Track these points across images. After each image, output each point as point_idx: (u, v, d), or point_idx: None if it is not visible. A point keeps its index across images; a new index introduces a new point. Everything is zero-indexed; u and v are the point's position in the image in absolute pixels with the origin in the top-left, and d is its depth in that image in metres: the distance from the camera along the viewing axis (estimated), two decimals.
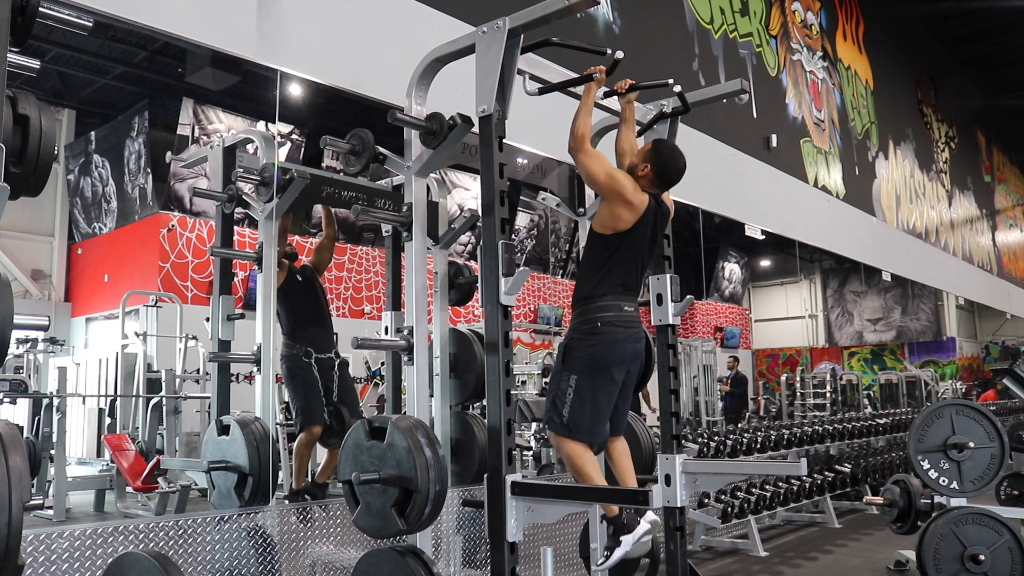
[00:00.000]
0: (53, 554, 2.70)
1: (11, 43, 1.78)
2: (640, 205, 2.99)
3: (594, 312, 2.98)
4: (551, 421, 3.01)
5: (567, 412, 2.95)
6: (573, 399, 2.95)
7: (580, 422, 2.95)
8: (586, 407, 2.95)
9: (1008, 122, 14.82)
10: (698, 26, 6.44)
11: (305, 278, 4.57)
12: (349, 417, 4.43)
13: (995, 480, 4.09)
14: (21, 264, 11.58)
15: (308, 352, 4.37)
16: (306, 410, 4.33)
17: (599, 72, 3.05)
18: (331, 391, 4.44)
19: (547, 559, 2.81)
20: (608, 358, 2.96)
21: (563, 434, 2.98)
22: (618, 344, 2.97)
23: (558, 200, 4.05)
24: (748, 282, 21.67)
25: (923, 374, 16.11)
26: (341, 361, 4.56)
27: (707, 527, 5.71)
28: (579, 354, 2.98)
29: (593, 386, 2.96)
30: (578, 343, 3.00)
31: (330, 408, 4.42)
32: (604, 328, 2.96)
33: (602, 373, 2.97)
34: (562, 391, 2.98)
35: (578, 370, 2.97)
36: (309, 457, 4.54)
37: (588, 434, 2.98)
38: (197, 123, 10.34)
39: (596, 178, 2.98)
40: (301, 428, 4.35)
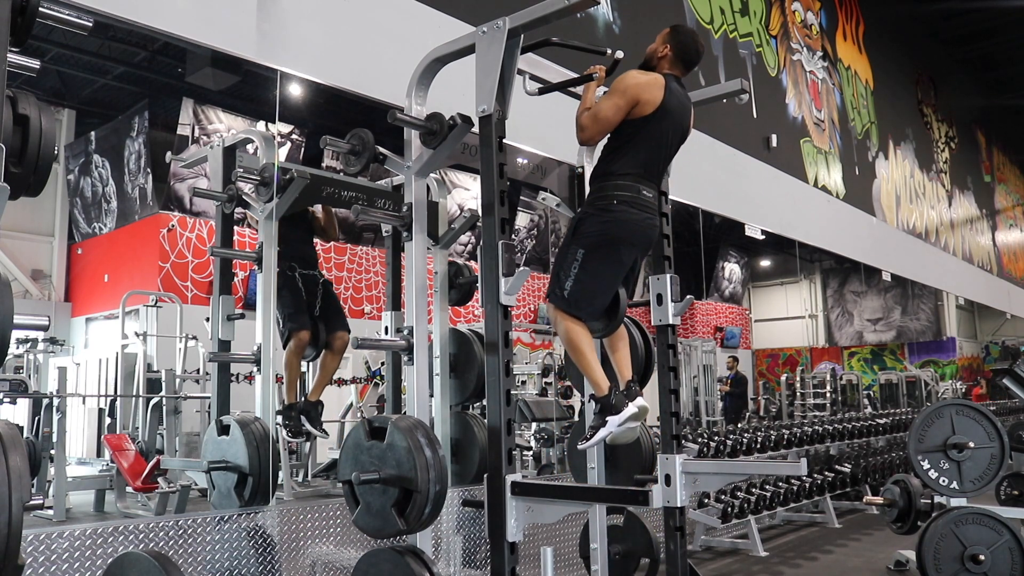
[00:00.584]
0: (53, 554, 2.70)
1: (11, 43, 1.78)
2: (658, 89, 2.95)
3: (611, 190, 2.95)
4: (552, 294, 2.99)
5: (570, 285, 2.93)
6: (578, 272, 2.93)
7: (581, 297, 2.93)
8: (590, 283, 2.93)
9: (1008, 122, 14.82)
10: (698, 26, 6.44)
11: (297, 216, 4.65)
12: (328, 331, 4.57)
13: (995, 480, 4.09)
14: (21, 264, 11.57)
15: (292, 267, 4.46)
16: (292, 317, 4.40)
17: (599, 72, 3.06)
18: (314, 305, 4.55)
19: (547, 559, 2.81)
20: (620, 236, 2.93)
21: (562, 307, 2.96)
22: (631, 224, 2.94)
23: (558, 200, 4.04)
24: (748, 282, 21.67)
25: (923, 374, 16.11)
26: (324, 279, 4.67)
27: (707, 527, 5.71)
28: (590, 229, 2.95)
29: (600, 263, 2.94)
30: (591, 218, 2.96)
31: (312, 321, 4.53)
32: (619, 207, 2.93)
33: (612, 251, 2.94)
34: (567, 264, 2.95)
35: (587, 245, 2.94)
36: (299, 367, 4.61)
37: (587, 310, 2.97)
38: (197, 123, 10.34)
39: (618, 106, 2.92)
40: (288, 336, 4.42)
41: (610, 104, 2.95)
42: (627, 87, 2.94)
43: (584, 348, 2.94)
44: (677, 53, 3.07)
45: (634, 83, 2.94)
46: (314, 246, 4.88)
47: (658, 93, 2.95)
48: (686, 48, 3.08)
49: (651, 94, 2.94)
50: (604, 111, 2.95)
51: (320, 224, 4.88)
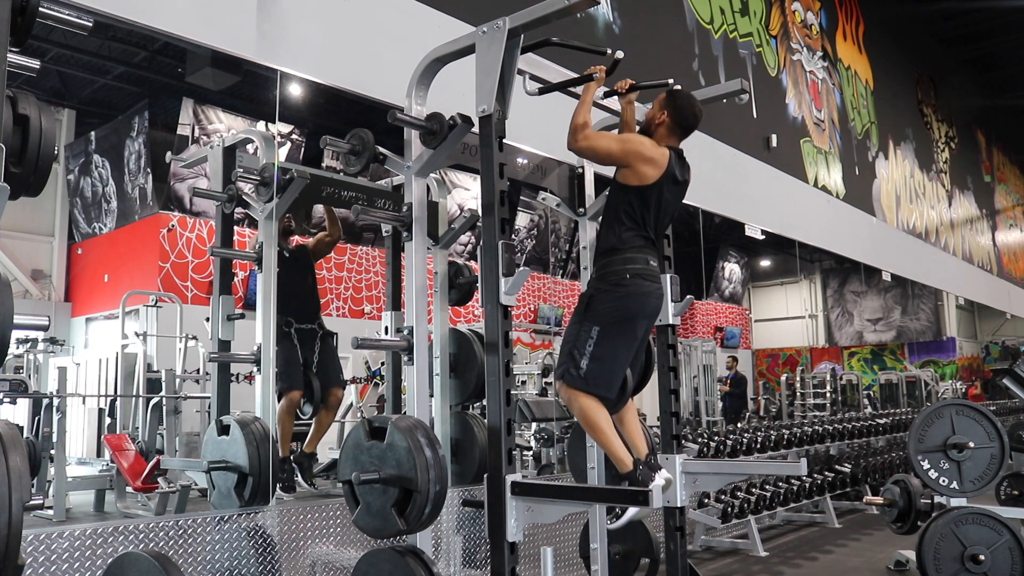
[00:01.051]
0: (53, 554, 2.70)
1: (11, 43, 1.78)
2: (662, 159, 2.95)
3: (620, 264, 2.94)
4: (567, 374, 2.91)
5: (586, 364, 2.88)
6: (594, 351, 2.87)
7: (599, 375, 2.88)
8: (607, 360, 2.88)
9: (1008, 122, 14.81)
10: (698, 26, 6.44)
11: (293, 254, 4.63)
12: (322, 389, 4.53)
13: (995, 480, 4.09)
14: (21, 264, 11.58)
15: (288, 322, 4.44)
16: (284, 376, 4.37)
17: (599, 72, 3.05)
18: (311, 361, 4.51)
19: (547, 559, 2.81)
20: (635, 311, 2.92)
21: (579, 387, 2.89)
22: (644, 296, 2.93)
23: (558, 200, 4.05)
24: (748, 282, 21.67)
25: (923, 374, 16.11)
26: (324, 332, 4.61)
27: (707, 527, 5.71)
28: (604, 306, 2.91)
29: (616, 339, 2.90)
30: (604, 294, 2.93)
31: (306, 378, 4.50)
32: (632, 280, 2.91)
33: (627, 326, 2.91)
34: (581, 342, 2.90)
35: (602, 321, 2.89)
36: (291, 424, 4.57)
37: (606, 388, 2.91)
38: (197, 123, 10.34)
39: (610, 151, 2.94)
40: (280, 394, 4.39)
41: (606, 146, 2.95)
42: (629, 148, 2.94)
43: (604, 426, 2.90)
44: (675, 119, 3.05)
45: (638, 149, 2.93)
46: (317, 294, 4.81)
47: (660, 167, 2.95)
48: (683, 114, 3.06)
49: (650, 168, 2.94)
50: (599, 146, 2.95)
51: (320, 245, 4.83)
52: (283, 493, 4.54)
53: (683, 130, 3.09)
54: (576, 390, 2.90)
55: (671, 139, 3.06)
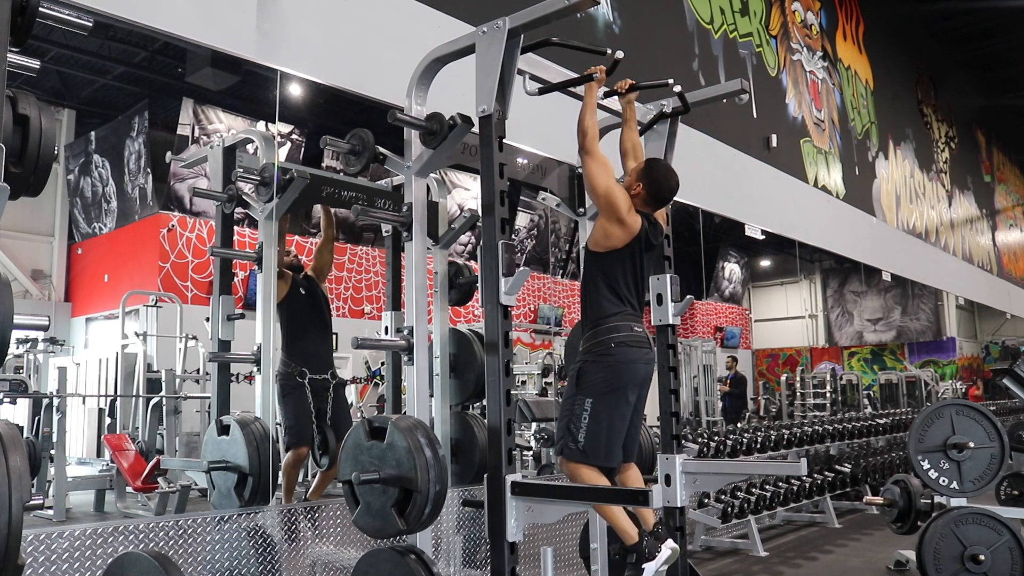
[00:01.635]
0: (53, 554, 2.70)
1: (11, 43, 1.78)
2: (633, 225, 2.98)
3: (605, 334, 2.96)
4: (566, 448, 2.95)
5: (583, 437, 2.90)
6: (589, 423, 2.90)
7: (597, 447, 2.91)
8: (603, 431, 2.91)
9: (1008, 122, 14.81)
10: (698, 26, 6.44)
11: (308, 291, 4.54)
12: (336, 442, 4.37)
13: (995, 480, 4.10)
14: (21, 264, 11.58)
15: (302, 372, 4.34)
16: (294, 431, 4.31)
17: (599, 72, 3.05)
18: (324, 412, 4.41)
19: (547, 559, 2.81)
20: (624, 379, 2.94)
21: (579, 460, 2.92)
22: (632, 365, 2.95)
23: (558, 200, 4.05)
24: (748, 282, 21.67)
25: (923, 374, 16.11)
26: (337, 382, 4.52)
27: (707, 527, 5.71)
28: (594, 377, 2.93)
29: (609, 409, 2.92)
30: (592, 365, 2.95)
31: (320, 430, 4.40)
32: (617, 349, 2.93)
33: (618, 395, 2.94)
34: (576, 415, 2.93)
35: (593, 393, 2.92)
36: (297, 476, 4.53)
37: (605, 458, 2.94)
38: (197, 123, 10.34)
39: (596, 188, 2.97)
40: (288, 448, 4.32)
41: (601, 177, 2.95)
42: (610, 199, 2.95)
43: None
44: (650, 191, 3.06)
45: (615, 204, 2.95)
46: (331, 335, 4.68)
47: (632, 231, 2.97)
48: (659, 187, 3.07)
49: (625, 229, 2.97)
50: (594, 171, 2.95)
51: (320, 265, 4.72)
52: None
53: (657, 203, 3.11)
54: (577, 464, 2.93)
55: (645, 208, 3.08)
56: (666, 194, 3.11)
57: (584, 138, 2.98)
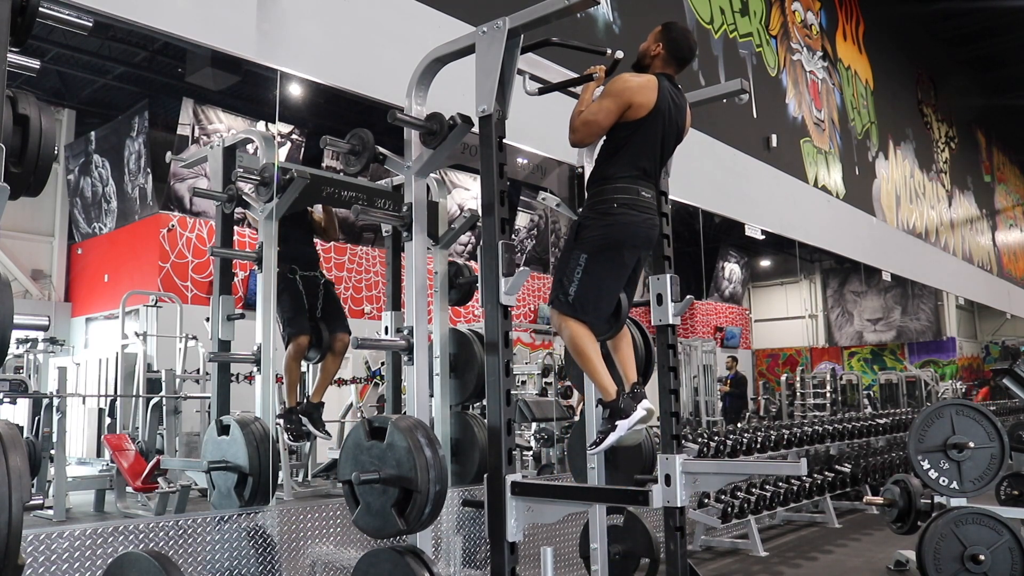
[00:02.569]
0: (53, 554, 2.70)
1: (11, 43, 1.78)
2: (653, 89, 2.94)
3: (610, 193, 2.95)
4: (556, 300, 2.99)
5: (574, 290, 2.93)
6: (581, 277, 2.93)
7: (586, 301, 2.93)
8: (593, 287, 2.93)
9: (1008, 122, 14.81)
10: (698, 26, 6.44)
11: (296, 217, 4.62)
12: (330, 333, 4.55)
13: (995, 480, 4.09)
14: (21, 264, 11.57)
15: (293, 269, 4.45)
16: (292, 321, 4.39)
17: (599, 72, 3.05)
18: (315, 307, 4.53)
19: (547, 559, 2.81)
20: (621, 239, 2.94)
21: (567, 312, 2.95)
22: (632, 226, 2.95)
23: (558, 200, 4.04)
24: (748, 282, 21.66)
25: (923, 374, 16.10)
26: (326, 280, 4.66)
27: (707, 527, 5.71)
28: (592, 233, 2.95)
29: (603, 266, 2.94)
30: (592, 222, 2.96)
31: (312, 324, 4.51)
32: (620, 209, 2.93)
33: (614, 254, 2.95)
34: (570, 269, 2.95)
35: (589, 249, 2.94)
36: (299, 370, 4.61)
37: (593, 314, 2.96)
38: (197, 123, 10.34)
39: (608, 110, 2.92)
40: (288, 340, 4.41)
41: (601, 108, 2.94)
42: (619, 91, 2.93)
43: (590, 353, 2.94)
44: (670, 51, 3.06)
45: (625, 87, 2.93)
46: (315, 246, 4.86)
47: (651, 95, 2.94)
48: (679, 46, 3.07)
49: (644, 97, 2.93)
50: (595, 115, 2.95)
51: (320, 224, 4.87)
52: (293, 443, 4.63)
53: (678, 62, 3.10)
54: (565, 316, 2.96)
55: (666, 70, 3.06)
56: (687, 53, 3.10)
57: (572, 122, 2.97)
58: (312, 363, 4.78)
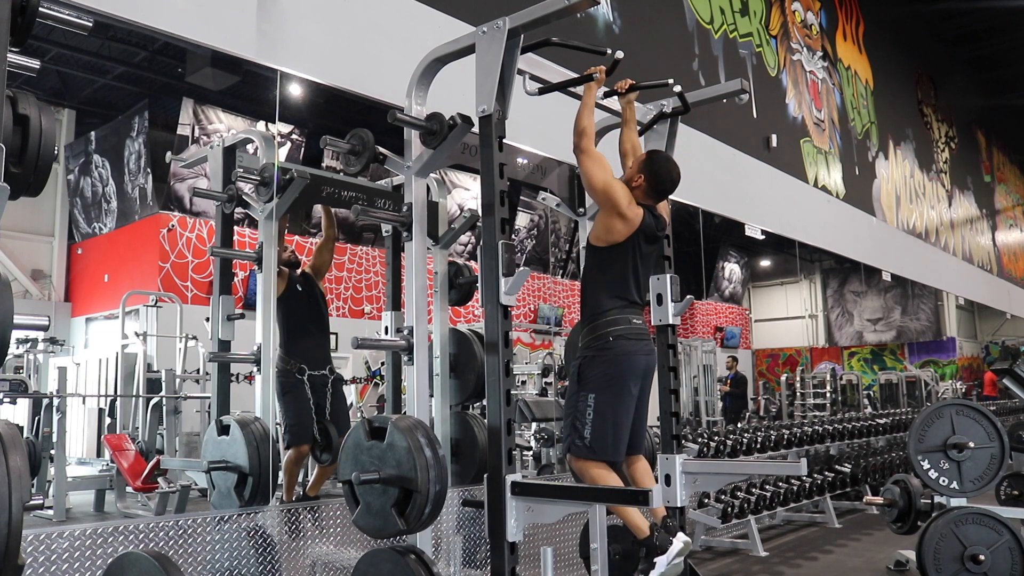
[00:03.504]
0: (53, 554, 2.70)
1: (11, 43, 1.78)
2: (635, 218, 2.98)
3: (604, 328, 2.96)
4: (573, 445, 2.95)
5: (589, 433, 2.90)
6: (594, 418, 2.90)
7: (604, 441, 2.91)
8: (608, 425, 2.91)
9: (1008, 122, 14.81)
10: (698, 26, 6.44)
11: (305, 288, 4.54)
12: (337, 436, 4.40)
13: (995, 480, 4.09)
14: (21, 264, 11.58)
15: (301, 369, 4.34)
16: (295, 428, 4.30)
17: (599, 72, 3.05)
18: (323, 408, 4.42)
19: (547, 559, 2.81)
20: (624, 372, 2.94)
21: (587, 456, 2.92)
22: (631, 356, 2.95)
23: (558, 200, 4.05)
24: (748, 282, 21.67)
25: (923, 374, 16.10)
26: (335, 378, 4.54)
27: (707, 527, 5.70)
28: (594, 371, 2.94)
29: (612, 403, 2.92)
30: (591, 361, 2.96)
31: (320, 426, 4.41)
32: (616, 342, 2.93)
33: (619, 388, 2.93)
34: (581, 412, 2.93)
35: (595, 388, 2.92)
36: (298, 473, 4.54)
37: (612, 453, 2.93)
38: (197, 123, 10.34)
39: (594, 185, 2.98)
40: (289, 446, 4.32)
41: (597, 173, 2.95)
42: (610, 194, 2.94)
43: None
44: (651, 183, 3.05)
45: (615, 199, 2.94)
46: (329, 332, 4.67)
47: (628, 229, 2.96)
48: (660, 178, 3.05)
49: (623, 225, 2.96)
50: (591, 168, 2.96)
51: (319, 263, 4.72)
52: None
53: (658, 195, 3.10)
54: (585, 460, 2.93)
55: (647, 201, 3.07)
56: (667, 186, 3.10)
57: (580, 137, 2.98)
58: (323, 465, 4.58)
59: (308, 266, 4.73)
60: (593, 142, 3.01)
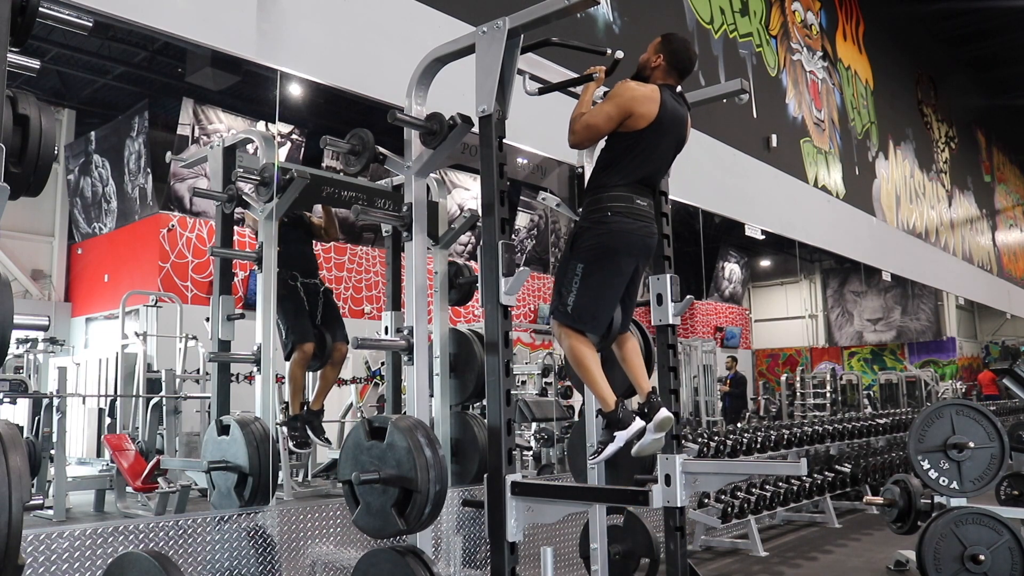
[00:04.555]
0: (53, 554, 2.70)
1: (11, 43, 1.78)
2: (655, 100, 2.94)
3: (605, 202, 2.95)
4: (556, 310, 2.99)
5: (572, 300, 2.93)
6: (579, 287, 2.92)
7: (584, 311, 2.93)
8: (592, 296, 2.92)
9: (1008, 122, 14.82)
10: (698, 26, 6.44)
11: (292, 220, 4.62)
12: (331, 341, 4.56)
13: (995, 480, 4.09)
14: (21, 264, 11.58)
15: (294, 276, 4.45)
16: (296, 328, 4.38)
17: (599, 72, 3.05)
18: (316, 315, 4.54)
19: (547, 559, 2.81)
20: (617, 247, 2.93)
21: (567, 323, 2.95)
22: (628, 234, 2.94)
23: (558, 200, 4.04)
24: (748, 282, 21.67)
25: (923, 374, 16.10)
26: (325, 288, 4.67)
27: (707, 527, 5.71)
28: (587, 242, 2.94)
29: (600, 275, 2.93)
30: (587, 231, 2.96)
31: (316, 331, 4.52)
32: (614, 218, 2.92)
33: (610, 262, 2.94)
34: (568, 279, 2.95)
35: (585, 258, 2.94)
36: (303, 378, 4.60)
37: (592, 324, 2.96)
38: (197, 123, 10.34)
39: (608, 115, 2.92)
40: (292, 348, 4.40)
41: (602, 113, 2.94)
42: (622, 98, 2.93)
43: (589, 363, 2.93)
44: (670, 62, 3.05)
45: (631, 96, 2.93)
46: (314, 252, 4.85)
47: (653, 108, 2.93)
48: (679, 57, 3.06)
49: (646, 108, 2.93)
50: (595, 120, 2.94)
51: (319, 227, 4.86)
52: (297, 450, 4.62)
53: (679, 73, 3.09)
54: (564, 326, 2.96)
55: (667, 80, 3.06)
56: (687, 63, 3.09)
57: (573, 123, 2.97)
58: (312, 371, 4.75)
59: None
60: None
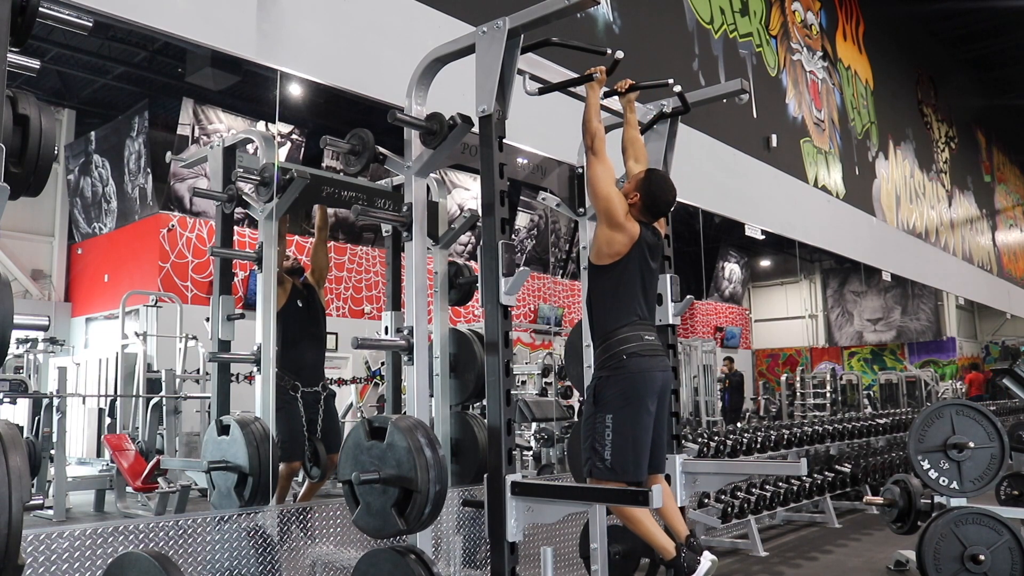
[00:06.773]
0: (53, 554, 2.70)
1: (11, 43, 1.78)
2: (633, 230, 2.98)
3: (617, 346, 2.92)
4: (594, 468, 2.90)
5: (609, 454, 2.86)
6: (613, 439, 2.86)
7: (625, 462, 2.86)
8: (628, 444, 2.86)
9: (1008, 122, 14.82)
10: (698, 26, 6.44)
11: (305, 303, 4.60)
12: (326, 454, 4.52)
13: (995, 480, 4.09)
14: (21, 264, 11.58)
15: (295, 386, 4.42)
16: (287, 445, 4.33)
17: (599, 72, 3.05)
18: (315, 425, 4.50)
19: (547, 559, 2.81)
20: (640, 390, 2.89)
21: (609, 478, 2.88)
22: (647, 373, 2.91)
23: (558, 200, 4.04)
24: (748, 282, 21.67)
25: (923, 374, 16.09)
26: (328, 394, 4.61)
27: (707, 527, 5.70)
28: (610, 391, 2.90)
29: (631, 421, 2.88)
30: (607, 380, 2.92)
31: (311, 443, 4.49)
32: (630, 360, 2.89)
33: (637, 406, 2.89)
34: (600, 433, 2.88)
35: (612, 407, 2.88)
36: (289, 487, 4.59)
37: (634, 473, 2.89)
38: (197, 123, 10.34)
39: (597, 191, 2.97)
40: (282, 459, 4.34)
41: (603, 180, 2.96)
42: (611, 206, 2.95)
43: (640, 515, 2.85)
44: (646, 203, 3.03)
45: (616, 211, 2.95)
46: (324, 348, 4.76)
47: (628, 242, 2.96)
48: (655, 199, 3.04)
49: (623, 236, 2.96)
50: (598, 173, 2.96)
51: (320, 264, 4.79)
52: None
53: (652, 215, 3.08)
54: (607, 483, 2.89)
55: (643, 218, 3.06)
56: (662, 207, 3.09)
57: (592, 140, 2.98)
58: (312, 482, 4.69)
59: (309, 272, 4.78)
60: (604, 145, 2.99)
